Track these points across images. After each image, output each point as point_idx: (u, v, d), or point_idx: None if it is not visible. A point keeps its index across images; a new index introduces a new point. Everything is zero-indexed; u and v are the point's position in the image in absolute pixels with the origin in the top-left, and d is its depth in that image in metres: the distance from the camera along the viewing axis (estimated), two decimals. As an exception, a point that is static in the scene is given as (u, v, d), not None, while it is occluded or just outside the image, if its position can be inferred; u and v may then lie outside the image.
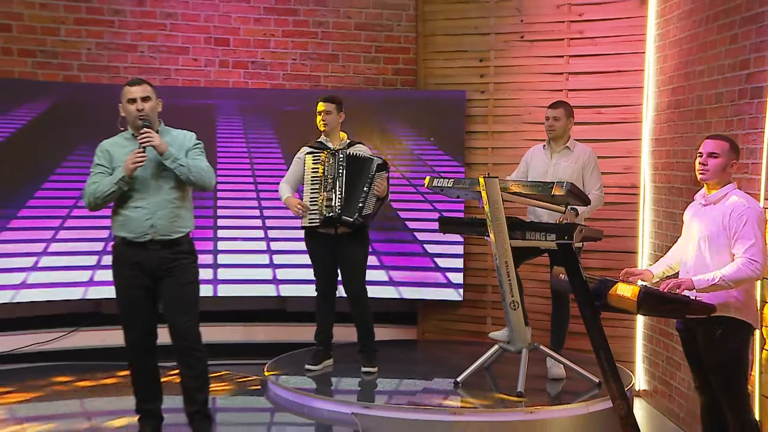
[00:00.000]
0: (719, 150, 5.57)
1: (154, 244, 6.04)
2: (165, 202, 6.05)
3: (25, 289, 8.90)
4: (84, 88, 9.10)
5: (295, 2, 9.55)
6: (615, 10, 8.70)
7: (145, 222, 5.99)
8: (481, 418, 6.98)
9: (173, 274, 6.11)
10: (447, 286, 9.40)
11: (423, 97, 9.58)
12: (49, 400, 7.78)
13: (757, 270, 5.29)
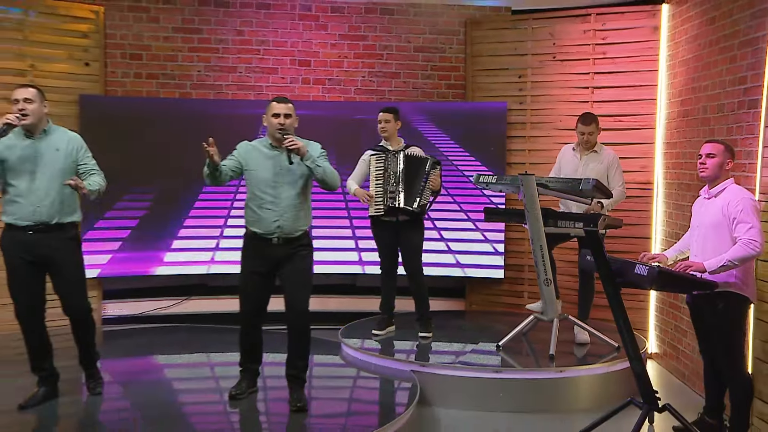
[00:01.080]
0: (715, 151, 5.87)
1: (279, 240, 6.14)
2: (290, 207, 6.12)
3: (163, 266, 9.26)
4: (195, 102, 9.43)
5: (365, 29, 9.69)
6: (632, 34, 8.83)
7: (273, 222, 6.10)
8: (518, 376, 7.11)
9: (292, 261, 6.19)
10: (490, 266, 9.49)
11: (471, 108, 9.59)
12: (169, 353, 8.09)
13: (756, 248, 5.57)
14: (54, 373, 6.28)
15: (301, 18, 9.65)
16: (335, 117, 9.38)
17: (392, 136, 7.95)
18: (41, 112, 5.92)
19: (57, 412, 6.10)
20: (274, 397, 6.58)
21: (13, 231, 5.98)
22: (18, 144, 5.90)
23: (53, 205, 5.93)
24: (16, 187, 5.92)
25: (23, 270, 6.01)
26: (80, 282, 6.17)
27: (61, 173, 5.93)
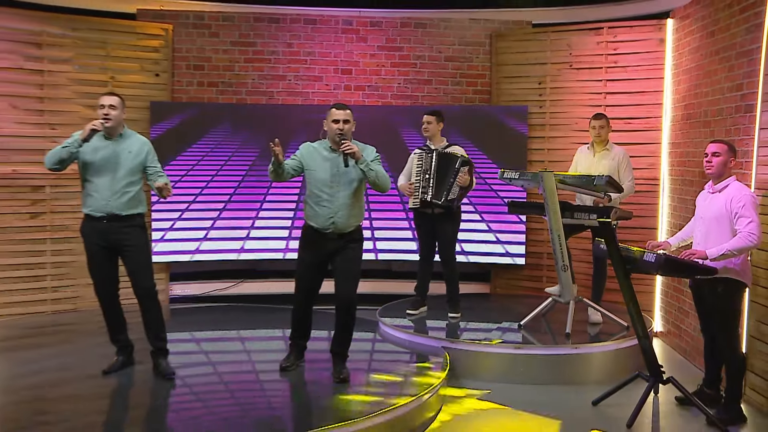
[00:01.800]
0: (720, 150, 5.99)
1: (333, 234, 6.20)
2: (344, 205, 6.17)
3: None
4: (249, 107, 9.55)
5: (400, 41, 9.75)
6: (641, 46, 8.88)
7: (328, 219, 6.17)
8: (538, 352, 7.16)
9: (344, 253, 6.26)
10: (513, 253, 9.50)
11: (495, 111, 9.58)
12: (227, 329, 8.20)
13: (755, 240, 5.70)
14: (129, 344, 6.50)
15: (344, 31, 9.74)
16: (374, 120, 9.23)
17: (435, 136, 7.97)
18: (121, 118, 6.12)
19: (133, 378, 6.32)
20: (319, 369, 6.63)
21: (90, 221, 6.17)
22: (99, 146, 6.08)
23: (123, 199, 6.11)
24: (93, 183, 6.09)
25: (99, 254, 6.21)
26: (147, 264, 6.31)
27: (130, 172, 6.14)
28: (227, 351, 7.49)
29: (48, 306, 8.86)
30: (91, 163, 6.09)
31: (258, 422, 5.57)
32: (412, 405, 5.90)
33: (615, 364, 7.25)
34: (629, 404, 6.12)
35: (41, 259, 8.86)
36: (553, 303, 7.86)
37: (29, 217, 8.72)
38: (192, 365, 6.91)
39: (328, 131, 6.22)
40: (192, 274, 9.61)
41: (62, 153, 5.94)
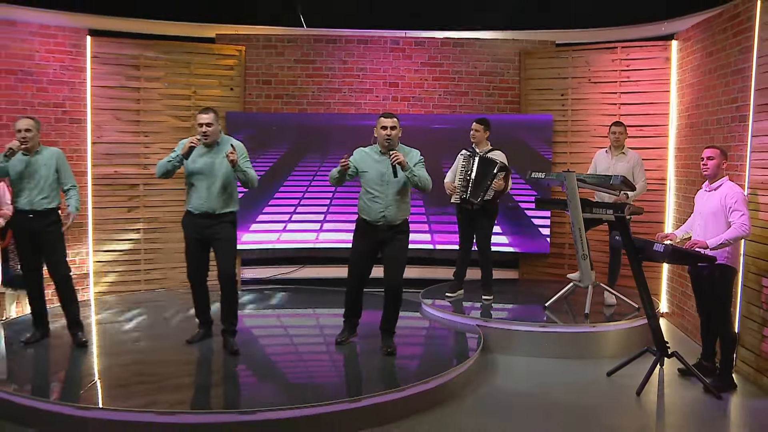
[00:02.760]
0: (713, 154, 6.16)
1: (384, 226, 6.33)
2: (393, 200, 6.29)
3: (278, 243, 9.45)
4: (310, 116, 9.66)
5: (441, 58, 9.79)
6: (650, 63, 8.95)
7: (379, 213, 6.29)
8: (560, 330, 7.25)
9: (393, 243, 6.37)
10: (539, 243, 9.51)
11: (524, 119, 9.61)
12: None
13: (747, 230, 5.90)
14: (210, 320, 6.75)
15: (392, 50, 9.82)
16: (417, 127, 9.23)
17: (481, 142, 8.00)
18: (217, 131, 6.32)
19: (212, 347, 6.55)
20: (370, 343, 6.69)
21: (190, 216, 6.39)
22: (199, 155, 6.31)
23: (218, 200, 6.30)
24: (195, 185, 6.33)
25: (194, 244, 6.44)
26: (231, 255, 6.43)
27: (225, 176, 6.31)
28: (289, 326, 7.66)
29: (141, 285, 9.25)
30: (192, 169, 6.32)
31: (317, 388, 5.66)
32: (451, 375, 6.00)
33: (627, 341, 7.30)
34: (639, 375, 6.23)
35: (136, 246, 9.23)
36: (574, 287, 7.88)
37: (126, 211, 9.09)
38: (260, 337, 7.14)
39: (378, 137, 6.35)
40: (261, 260, 9.71)
41: (167, 166, 6.25)
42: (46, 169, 6.44)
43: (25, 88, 8.46)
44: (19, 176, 6.39)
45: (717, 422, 5.70)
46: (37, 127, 6.46)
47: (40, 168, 6.42)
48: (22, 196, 6.41)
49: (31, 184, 6.40)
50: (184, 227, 6.49)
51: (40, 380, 5.91)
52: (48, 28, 8.58)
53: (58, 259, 6.58)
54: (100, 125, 9.01)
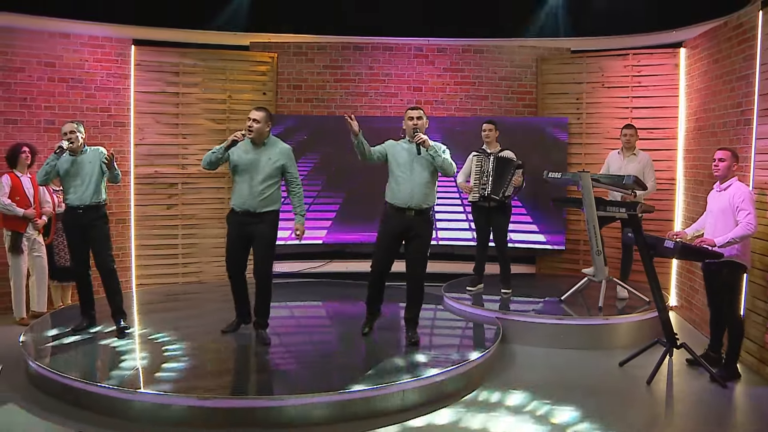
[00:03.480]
0: (725, 156, 6.19)
1: (412, 211, 6.32)
2: (420, 185, 6.29)
3: None
4: (338, 119, 8.86)
5: (462, 64, 9.83)
6: (660, 69, 8.98)
7: (407, 195, 6.30)
8: (575, 322, 7.25)
9: (418, 235, 6.37)
10: (555, 239, 9.50)
11: (541, 122, 9.64)
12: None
13: (752, 229, 5.91)
14: (248, 313, 6.71)
15: (415, 56, 9.87)
16: (440, 129, 9.29)
17: (492, 142, 8.07)
18: (264, 130, 6.28)
19: (245, 337, 6.58)
20: (393, 334, 6.80)
21: (232, 212, 6.38)
22: (245, 151, 6.32)
23: (259, 199, 6.26)
24: (237, 183, 6.32)
25: (235, 241, 6.42)
26: (269, 255, 6.41)
27: (268, 177, 6.28)
28: (316, 318, 7.72)
29: (179, 278, 9.38)
30: (236, 165, 6.32)
31: (343, 374, 5.72)
32: (471, 364, 6.05)
33: (638, 333, 7.31)
34: (649, 365, 6.26)
35: (174, 241, 9.37)
36: (588, 282, 7.90)
37: (166, 208, 9.23)
38: (289, 327, 7.18)
39: (406, 128, 6.42)
40: (289, 254, 9.63)
41: (211, 157, 6.27)
42: (92, 166, 6.63)
43: (75, 95, 8.64)
44: (67, 174, 6.61)
45: (722, 410, 5.71)
46: (80, 129, 6.66)
47: (86, 166, 6.62)
48: (71, 192, 6.63)
49: (78, 180, 6.60)
50: (227, 223, 6.49)
51: (90, 365, 6.05)
52: (97, 39, 8.76)
53: (104, 252, 6.72)
54: (142, 128, 9.15)
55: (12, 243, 7.69)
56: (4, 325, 7.67)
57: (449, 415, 5.42)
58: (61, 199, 7.84)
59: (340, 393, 5.29)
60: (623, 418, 5.40)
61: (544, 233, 9.56)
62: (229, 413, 5.15)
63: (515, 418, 5.39)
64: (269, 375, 5.89)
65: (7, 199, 7.60)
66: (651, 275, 6.34)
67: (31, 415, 5.35)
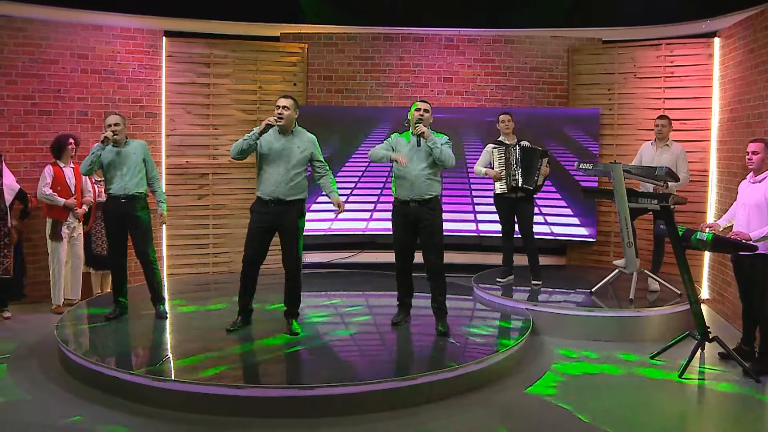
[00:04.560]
0: (758, 149, 6.11)
1: (415, 203, 6.36)
2: (421, 176, 6.32)
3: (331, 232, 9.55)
4: (368, 109, 9.76)
5: (493, 54, 9.83)
6: (693, 60, 8.92)
7: (408, 188, 6.36)
8: (605, 314, 7.23)
9: (426, 225, 6.40)
10: (586, 231, 9.49)
11: (572, 113, 9.65)
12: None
13: None
14: (250, 308, 6.65)
15: (446, 47, 9.88)
16: (470, 119, 9.54)
17: (509, 133, 8.10)
18: (292, 117, 6.30)
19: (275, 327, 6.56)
20: (424, 325, 6.74)
21: (260, 202, 6.31)
22: (273, 140, 6.27)
23: (288, 187, 6.23)
24: (266, 171, 6.26)
25: (260, 231, 6.34)
26: (297, 244, 6.37)
27: (298, 165, 6.28)
28: (346, 308, 7.64)
29: (209, 268, 9.48)
30: (266, 154, 6.27)
31: (372, 366, 5.76)
32: (502, 356, 6.06)
33: (669, 325, 7.26)
34: (680, 358, 6.23)
35: (205, 231, 9.46)
36: (619, 273, 7.85)
37: (197, 198, 9.31)
38: (319, 318, 7.15)
39: (411, 119, 6.44)
40: (321, 245, 9.78)
41: (243, 144, 6.20)
42: (135, 157, 6.80)
43: (108, 86, 8.76)
44: (111, 165, 6.76)
45: (755, 404, 5.62)
46: (123, 121, 6.84)
47: (129, 157, 6.78)
48: (114, 182, 6.77)
49: (122, 171, 6.74)
50: (252, 212, 6.42)
51: (123, 352, 6.13)
52: (129, 30, 8.87)
53: (145, 240, 6.88)
54: (174, 119, 9.25)
55: (53, 230, 7.87)
56: (43, 313, 7.85)
57: (479, 407, 5.42)
58: (102, 189, 8.04)
59: (367, 383, 5.31)
60: (655, 412, 5.37)
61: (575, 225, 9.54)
62: (260, 402, 5.18)
63: (545, 410, 5.39)
64: (299, 365, 5.91)
65: (49, 190, 7.77)
66: (683, 267, 6.28)
67: (64, 401, 5.44)
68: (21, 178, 8.06)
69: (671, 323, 7.34)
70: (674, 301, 7.54)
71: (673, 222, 6.30)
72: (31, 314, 7.84)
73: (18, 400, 5.49)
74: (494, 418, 5.23)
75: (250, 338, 6.37)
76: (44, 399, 5.50)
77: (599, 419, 5.20)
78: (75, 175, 7.96)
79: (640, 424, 5.14)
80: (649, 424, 5.15)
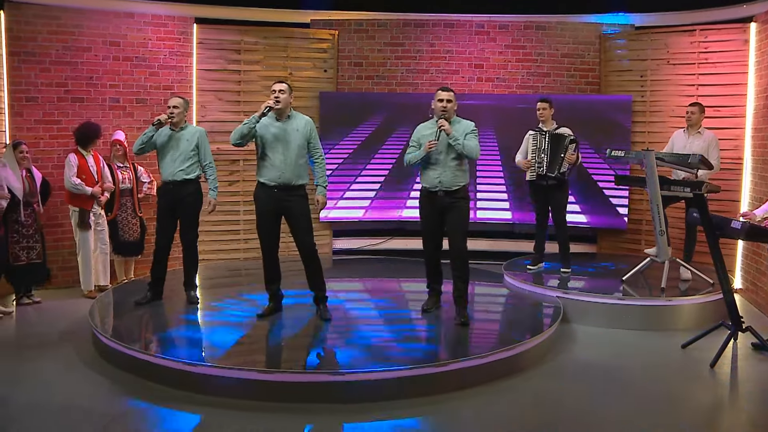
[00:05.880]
0: None
1: (442, 192, 6.34)
2: (448, 167, 6.31)
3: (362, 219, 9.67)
4: (398, 96, 9.75)
5: (524, 41, 9.79)
6: (728, 45, 8.80)
7: (435, 179, 6.34)
8: (637, 303, 7.18)
9: (452, 214, 6.38)
10: (617, 218, 9.49)
11: (604, 100, 9.59)
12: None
13: None
14: (280, 294, 6.68)
15: (477, 33, 9.84)
16: (501, 106, 9.49)
17: (547, 120, 8.03)
18: (288, 101, 6.27)
19: (304, 313, 6.59)
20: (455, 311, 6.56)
21: (263, 188, 6.31)
22: (271, 125, 6.28)
23: (293, 172, 6.25)
24: (269, 157, 6.25)
25: (267, 217, 6.37)
26: (309, 227, 6.39)
27: (299, 148, 6.28)
28: (377, 294, 7.74)
29: (240, 254, 9.55)
30: (266, 139, 6.27)
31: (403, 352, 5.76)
32: (531, 343, 6.05)
33: (701, 315, 7.23)
34: (713, 348, 6.15)
35: (236, 217, 9.54)
36: (650, 262, 7.81)
37: (228, 184, 9.33)
38: (350, 305, 7.17)
39: (435, 109, 6.40)
40: (350, 231, 9.87)
41: (243, 129, 6.22)
42: (188, 144, 6.81)
43: (139, 73, 8.87)
44: (162, 148, 6.82)
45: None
46: (185, 105, 6.91)
47: (182, 142, 6.81)
48: (165, 167, 6.84)
49: (171, 156, 6.78)
50: (256, 200, 6.42)
51: (155, 337, 6.25)
52: (160, 17, 8.96)
53: (190, 225, 6.97)
54: (205, 105, 9.33)
55: (80, 219, 7.96)
56: (72, 298, 7.96)
57: (509, 394, 5.43)
58: (125, 176, 8.23)
59: (398, 369, 5.33)
60: (687, 401, 5.37)
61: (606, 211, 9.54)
62: (291, 387, 5.23)
63: (575, 398, 5.39)
64: (330, 350, 5.95)
65: (77, 179, 7.86)
66: (716, 256, 6.22)
67: (97, 385, 5.54)
68: (54, 164, 8.27)
69: (703, 313, 7.29)
70: (706, 291, 7.48)
71: (706, 210, 6.24)
72: (60, 300, 7.96)
73: (53, 383, 5.58)
74: (525, 406, 5.24)
75: (280, 323, 6.42)
76: (78, 383, 5.59)
77: (630, 409, 5.20)
78: (96, 163, 8.08)
79: (673, 415, 5.12)
80: (682, 415, 5.14)
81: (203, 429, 4.84)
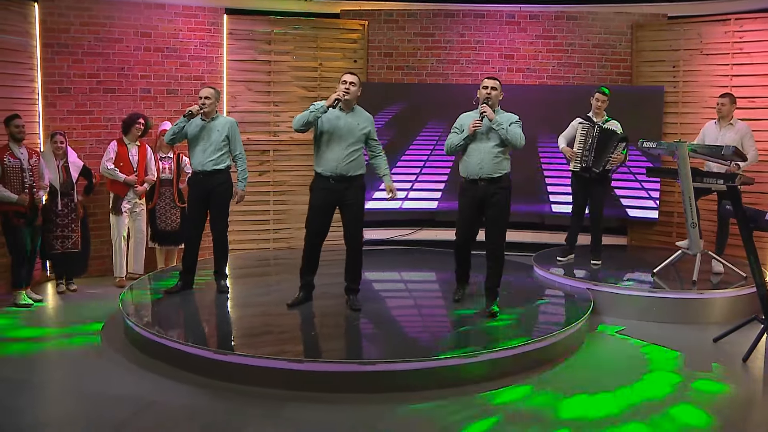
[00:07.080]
0: None
1: (483, 181, 6.27)
2: (490, 154, 6.24)
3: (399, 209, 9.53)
4: (429, 86, 9.76)
5: (555, 31, 9.75)
6: (764, 35, 8.66)
7: (476, 165, 6.28)
8: (669, 295, 7.16)
9: (495, 203, 6.31)
10: (648, 210, 9.41)
11: (636, 91, 9.51)
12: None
13: None
14: (312, 284, 6.63)
15: (507, 23, 9.80)
16: (532, 97, 9.34)
17: (600, 112, 7.99)
18: (357, 94, 6.31)
19: (335, 303, 6.59)
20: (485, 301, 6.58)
21: (320, 179, 6.31)
22: (336, 117, 6.26)
23: (349, 163, 6.23)
24: (328, 148, 6.24)
25: (322, 207, 6.34)
26: (360, 219, 6.40)
27: (357, 142, 6.27)
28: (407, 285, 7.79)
29: (270, 244, 9.62)
30: (329, 130, 6.24)
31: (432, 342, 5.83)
32: (561, 335, 6.03)
33: (733, 308, 7.17)
34: (745, 342, 6.11)
35: (266, 207, 9.59)
36: (682, 254, 7.76)
37: (258, 175, 9.36)
38: (380, 295, 7.26)
39: (479, 96, 6.38)
40: (381, 222, 9.75)
41: (309, 116, 6.16)
42: (218, 134, 6.82)
43: (170, 63, 8.94)
44: (194, 138, 6.84)
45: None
46: (216, 96, 6.91)
47: (213, 133, 6.81)
48: (195, 157, 6.86)
49: (202, 146, 6.80)
50: (312, 190, 6.43)
51: (186, 326, 6.34)
52: (190, 8, 9.01)
53: (220, 216, 6.99)
54: (235, 96, 9.38)
55: (114, 204, 8.15)
56: (106, 286, 8.10)
57: (539, 385, 5.43)
58: (165, 166, 8.35)
59: (429, 360, 5.33)
60: (719, 396, 5.32)
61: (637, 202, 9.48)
62: (320, 377, 5.25)
63: (605, 391, 5.35)
64: (359, 340, 5.98)
65: (111, 164, 8.04)
66: (750, 249, 6.14)
67: (127, 372, 5.62)
68: (86, 155, 8.32)
69: (735, 306, 7.23)
70: (739, 284, 7.41)
71: (740, 203, 6.17)
72: (95, 287, 8.10)
73: (83, 371, 5.66)
74: (555, 397, 5.22)
75: (310, 313, 6.43)
76: (109, 371, 5.67)
77: (660, 401, 5.17)
78: (139, 154, 8.20)
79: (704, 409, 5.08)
80: (713, 409, 5.08)
81: (232, 417, 4.86)
